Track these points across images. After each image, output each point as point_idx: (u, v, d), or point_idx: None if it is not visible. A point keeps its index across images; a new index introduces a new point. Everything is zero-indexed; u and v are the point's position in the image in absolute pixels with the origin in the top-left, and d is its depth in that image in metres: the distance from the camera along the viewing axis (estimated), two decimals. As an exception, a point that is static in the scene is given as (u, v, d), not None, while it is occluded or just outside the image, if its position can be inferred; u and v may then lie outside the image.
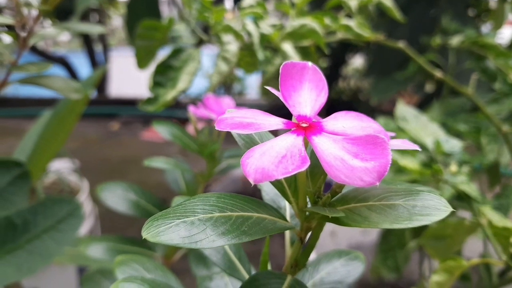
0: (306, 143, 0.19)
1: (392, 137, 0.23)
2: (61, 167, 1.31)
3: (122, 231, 1.33)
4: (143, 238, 0.18)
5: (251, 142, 0.23)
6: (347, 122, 0.21)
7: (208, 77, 2.67)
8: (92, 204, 1.13)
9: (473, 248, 0.77)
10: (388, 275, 0.81)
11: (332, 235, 1.08)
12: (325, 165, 0.18)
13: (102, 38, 3.23)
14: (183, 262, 0.53)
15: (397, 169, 0.53)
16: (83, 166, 1.52)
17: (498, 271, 0.59)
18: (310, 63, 0.22)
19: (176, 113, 2.82)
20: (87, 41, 3.06)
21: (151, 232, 0.18)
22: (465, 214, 0.63)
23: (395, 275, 0.80)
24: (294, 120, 0.21)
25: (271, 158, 0.18)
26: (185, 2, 0.47)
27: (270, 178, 0.17)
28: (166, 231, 0.18)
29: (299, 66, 0.22)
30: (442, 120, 0.87)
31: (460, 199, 0.60)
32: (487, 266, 0.57)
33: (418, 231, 0.72)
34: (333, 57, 2.20)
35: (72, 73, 2.97)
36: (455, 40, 0.83)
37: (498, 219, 0.41)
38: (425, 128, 0.55)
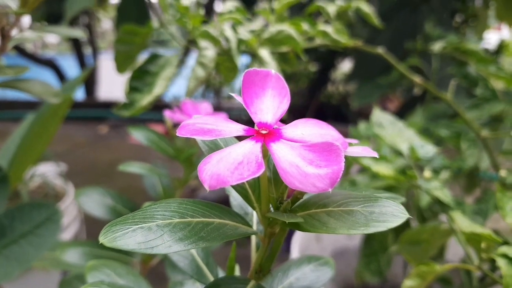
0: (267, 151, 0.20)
1: (355, 144, 0.24)
2: (47, 171, 1.29)
3: (108, 236, 1.31)
4: (100, 243, 0.18)
5: (215, 148, 0.23)
6: (306, 129, 0.21)
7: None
8: (78, 208, 1.12)
9: (456, 252, 0.78)
10: (371, 279, 0.81)
11: (317, 240, 1.08)
12: (281, 171, 0.18)
13: (92, 41, 3.21)
14: (162, 267, 0.53)
15: (373, 175, 0.53)
16: (71, 170, 1.51)
17: (479, 275, 0.59)
18: (273, 71, 0.22)
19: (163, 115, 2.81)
20: (76, 44, 3.05)
21: (107, 237, 0.18)
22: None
23: (378, 279, 0.81)
24: (255, 127, 0.21)
25: (228, 164, 0.18)
26: (162, 7, 0.47)
27: (225, 184, 0.17)
28: (123, 237, 0.18)
29: (262, 73, 0.22)
30: (424, 125, 0.88)
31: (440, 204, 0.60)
32: (467, 271, 0.58)
33: (400, 236, 0.73)
34: (322, 62, 2.21)
35: (61, 75, 2.95)
36: (437, 46, 0.84)
37: (467, 225, 0.41)
38: (401, 134, 0.56)
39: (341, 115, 2.36)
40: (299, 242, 0.89)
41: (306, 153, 0.18)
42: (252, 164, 0.18)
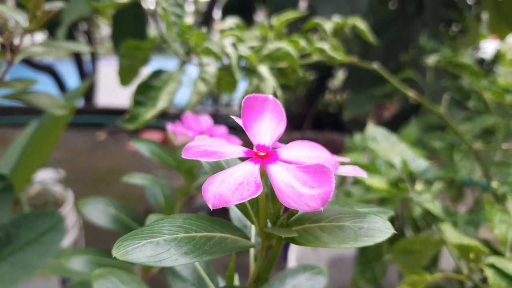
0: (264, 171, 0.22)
1: (346, 163, 0.25)
2: (46, 178, 1.31)
3: (106, 243, 1.33)
4: (113, 256, 0.20)
5: (218, 168, 0.25)
6: (301, 151, 0.23)
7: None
8: (77, 215, 1.13)
9: (450, 262, 0.79)
10: (366, 287, 0.83)
11: (313, 248, 1.09)
12: (277, 191, 0.20)
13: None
14: (163, 275, 0.55)
15: (367, 187, 0.55)
16: (69, 176, 1.52)
17: (470, 286, 0.61)
18: (271, 96, 0.24)
19: (164, 123, 2.83)
20: (75, 50, 3.06)
21: (120, 252, 0.20)
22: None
23: (373, 287, 0.82)
24: (254, 149, 0.23)
25: (229, 185, 0.20)
26: (167, 25, 0.49)
27: (227, 203, 0.19)
28: (133, 251, 0.20)
29: (261, 99, 0.24)
30: (418, 136, 0.90)
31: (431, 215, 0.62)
32: (460, 280, 0.59)
33: (394, 245, 0.75)
34: (320, 70, 2.24)
35: (60, 82, 2.96)
36: (431, 59, 0.87)
37: (454, 236, 0.43)
38: (393, 148, 0.58)
39: (338, 123, 2.38)
40: (296, 250, 0.91)
41: (301, 174, 0.20)
42: (251, 185, 0.20)
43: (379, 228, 0.22)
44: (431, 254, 0.51)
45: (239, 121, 0.24)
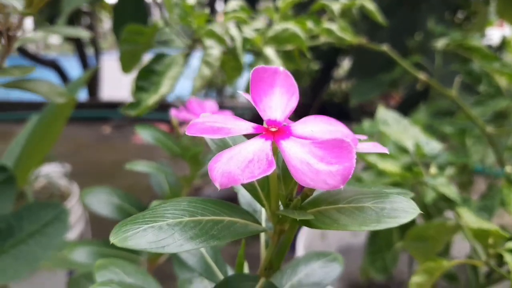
0: (277, 148, 0.20)
1: (364, 140, 0.24)
2: (51, 171, 1.30)
3: (113, 235, 1.32)
4: (111, 243, 0.18)
5: (224, 146, 0.23)
6: (316, 126, 0.21)
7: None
8: (82, 208, 1.12)
9: (461, 249, 0.78)
10: (377, 276, 0.81)
11: (322, 237, 1.08)
12: (292, 168, 0.18)
13: (94, 41, 3.22)
14: (169, 265, 0.53)
15: (379, 172, 0.53)
16: (74, 170, 1.51)
17: (485, 271, 0.59)
18: (281, 68, 0.22)
19: (167, 115, 2.81)
20: (78, 44, 3.05)
21: (118, 237, 0.18)
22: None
23: (384, 276, 0.81)
24: (264, 124, 0.21)
25: (238, 162, 0.18)
26: (168, 7, 0.47)
27: (236, 182, 0.17)
28: (133, 236, 0.18)
29: (271, 70, 0.22)
30: (428, 122, 0.88)
31: (446, 200, 0.60)
32: (473, 267, 0.58)
33: (405, 232, 0.73)
34: (325, 60, 2.21)
35: (64, 76, 2.96)
36: (440, 43, 0.84)
37: (473, 220, 0.41)
38: (406, 131, 0.56)
39: (343, 113, 2.36)
40: (304, 239, 0.90)
41: (317, 150, 0.18)
42: (263, 162, 0.18)
43: (403, 208, 0.20)
44: (445, 240, 0.49)
45: (247, 96, 0.22)
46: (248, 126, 0.21)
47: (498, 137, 0.71)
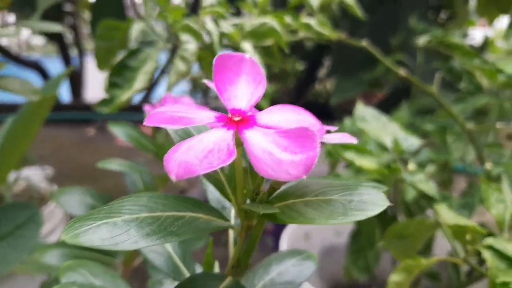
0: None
1: (334, 131, 0.23)
2: (32, 174, 1.27)
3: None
4: (61, 240, 0.17)
5: (187, 137, 0.22)
6: (282, 115, 0.20)
7: (190, 79, 2.66)
8: (64, 211, 1.10)
9: (443, 247, 0.77)
10: (359, 275, 0.80)
11: (305, 238, 1.07)
12: (253, 158, 0.17)
13: (77, 42, 3.17)
14: (146, 267, 0.52)
15: (357, 170, 0.52)
16: (57, 173, 1.48)
17: (466, 269, 0.59)
18: (247, 55, 0.21)
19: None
20: (62, 45, 3.00)
21: (69, 234, 0.17)
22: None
23: (366, 275, 0.80)
24: (228, 114, 0.20)
25: (197, 152, 0.17)
26: (144, 0, 0.46)
27: (193, 173, 0.16)
28: (85, 233, 0.17)
29: (236, 58, 0.21)
30: (410, 120, 0.88)
31: (426, 198, 0.60)
32: (454, 265, 0.57)
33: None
34: (310, 60, 2.20)
35: (47, 78, 2.91)
36: (422, 40, 0.84)
37: (451, 217, 0.41)
38: (384, 128, 0.55)
39: (326, 112, 2.36)
40: (287, 239, 0.89)
41: (281, 139, 0.17)
42: (223, 152, 0.17)
43: (371, 201, 0.19)
44: (425, 238, 0.49)
45: (211, 84, 0.21)
46: (210, 115, 0.20)
47: (478, 134, 0.71)
